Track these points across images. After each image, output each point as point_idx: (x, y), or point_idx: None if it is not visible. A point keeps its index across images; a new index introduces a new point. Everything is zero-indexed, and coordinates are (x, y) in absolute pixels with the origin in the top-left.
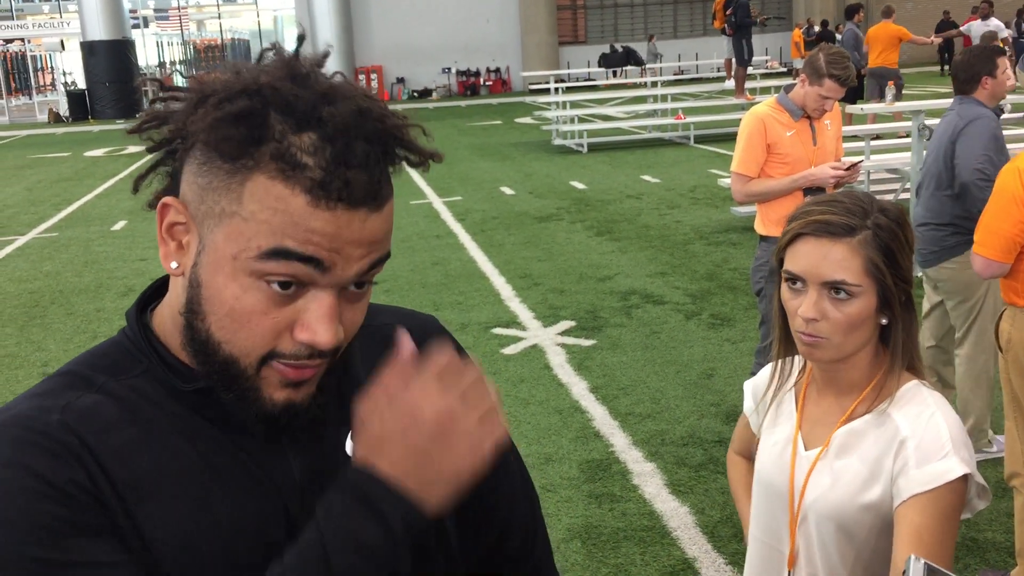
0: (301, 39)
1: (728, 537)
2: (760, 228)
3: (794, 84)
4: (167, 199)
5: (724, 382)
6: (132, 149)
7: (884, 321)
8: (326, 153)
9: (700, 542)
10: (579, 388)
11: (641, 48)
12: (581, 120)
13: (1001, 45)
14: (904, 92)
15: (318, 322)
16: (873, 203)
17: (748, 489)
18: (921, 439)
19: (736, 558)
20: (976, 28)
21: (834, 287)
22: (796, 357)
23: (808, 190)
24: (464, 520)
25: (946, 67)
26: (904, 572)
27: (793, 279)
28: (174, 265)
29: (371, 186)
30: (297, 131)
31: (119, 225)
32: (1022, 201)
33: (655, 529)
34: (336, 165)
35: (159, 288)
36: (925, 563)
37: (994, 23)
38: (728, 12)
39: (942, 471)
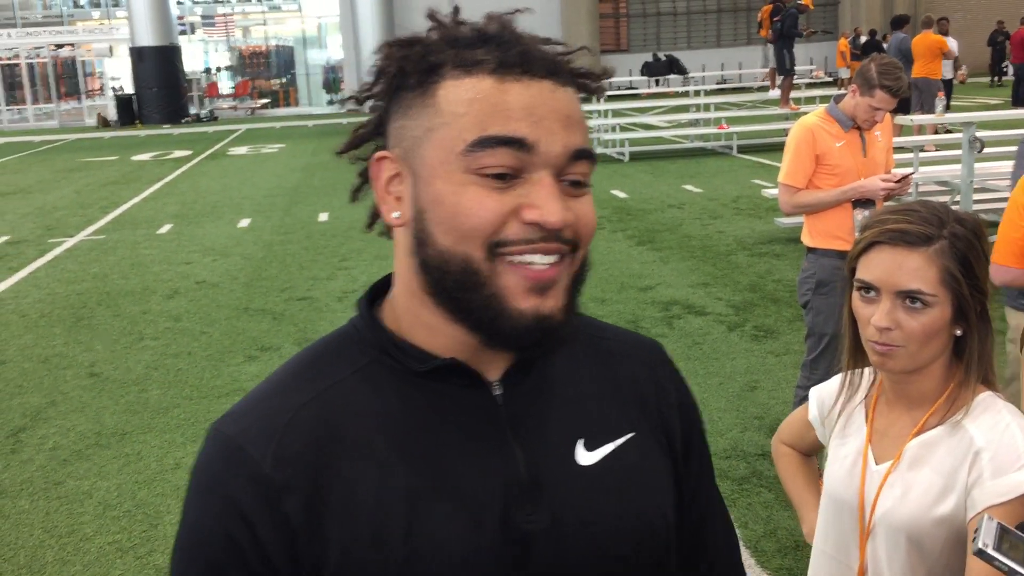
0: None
1: (772, 552)
2: (807, 240)
3: (844, 94)
4: (381, 152)
5: (767, 395)
6: (178, 153)
7: (959, 332)
8: (499, 49)
9: (743, 557)
10: None
11: (684, 57)
12: (623, 129)
13: None
14: (954, 104)
15: (543, 199)
16: (949, 212)
17: (806, 479)
18: (996, 450)
19: (780, 573)
20: None
21: (909, 296)
22: (866, 369)
23: (857, 202)
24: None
25: (995, 78)
26: (976, 530)
27: (867, 288)
28: (395, 215)
29: (549, 62)
30: (469, 47)
31: (165, 228)
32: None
33: None
34: (511, 51)
35: (384, 286)
36: (998, 523)
37: None
38: (776, 19)
39: (1018, 482)
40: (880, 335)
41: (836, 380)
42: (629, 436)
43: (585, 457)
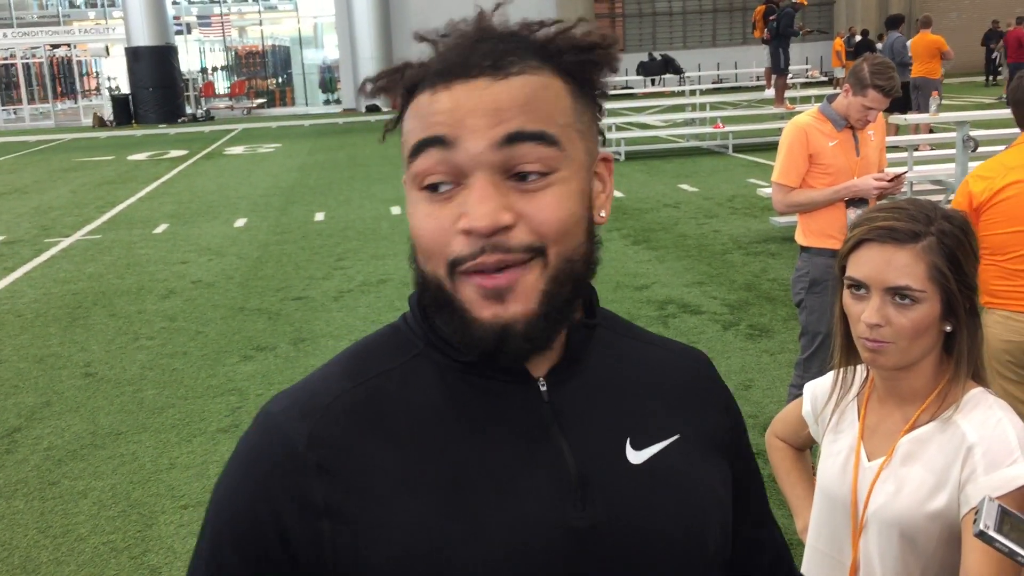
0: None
1: None
2: (801, 239)
3: (837, 94)
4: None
5: (762, 394)
6: (174, 153)
7: (948, 328)
8: (441, 58)
9: None
10: None
11: (679, 56)
12: (618, 128)
13: None
14: (946, 102)
15: (472, 203)
16: (937, 210)
17: (799, 476)
18: (989, 446)
19: None
20: None
21: (898, 293)
22: (859, 367)
23: (851, 202)
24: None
25: (991, 77)
26: (977, 511)
27: (857, 285)
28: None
29: (490, 56)
30: (431, 59)
31: (161, 228)
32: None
33: None
34: (454, 53)
35: None
36: (999, 505)
37: None
38: (771, 18)
39: (1011, 477)
40: (870, 332)
41: (829, 377)
42: (674, 439)
43: (634, 456)
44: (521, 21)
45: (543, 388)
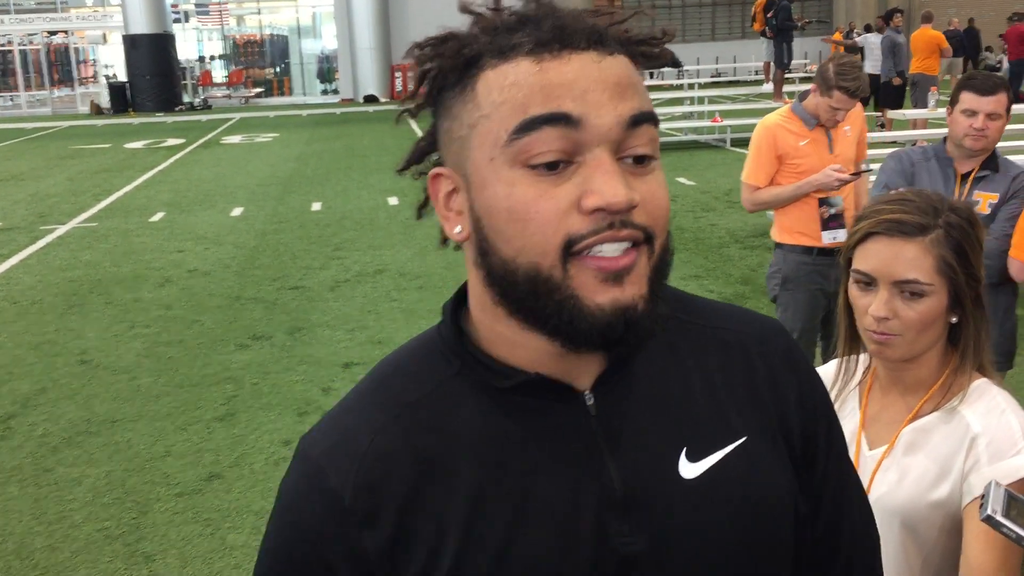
0: None
1: None
2: (775, 235)
3: (808, 91)
4: (436, 169)
5: None
6: (171, 142)
7: (954, 320)
8: (539, 27)
9: None
10: None
11: (678, 50)
12: None
13: None
14: (943, 98)
15: (602, 181)
16: (943, 201)
17: None
18: (993, 436)
19: None
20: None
21: (906, 286)
22: (861, 356)
23: (823, 200)
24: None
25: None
26: (983, 497)
27: (864, 278)
28: (458, 229)
29: (593, 32)
30: (507, 34)
31: (157, 216)
32: None
33: None
34: (551, 28)
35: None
36: (1006, 490)
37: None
38: (769, 15)
39: (1015, 467)
40: (878, 324)
41: (832, 365)
42: (739, 442)
43: (688, 469)
44: (575, 8)
45: (589, 402)
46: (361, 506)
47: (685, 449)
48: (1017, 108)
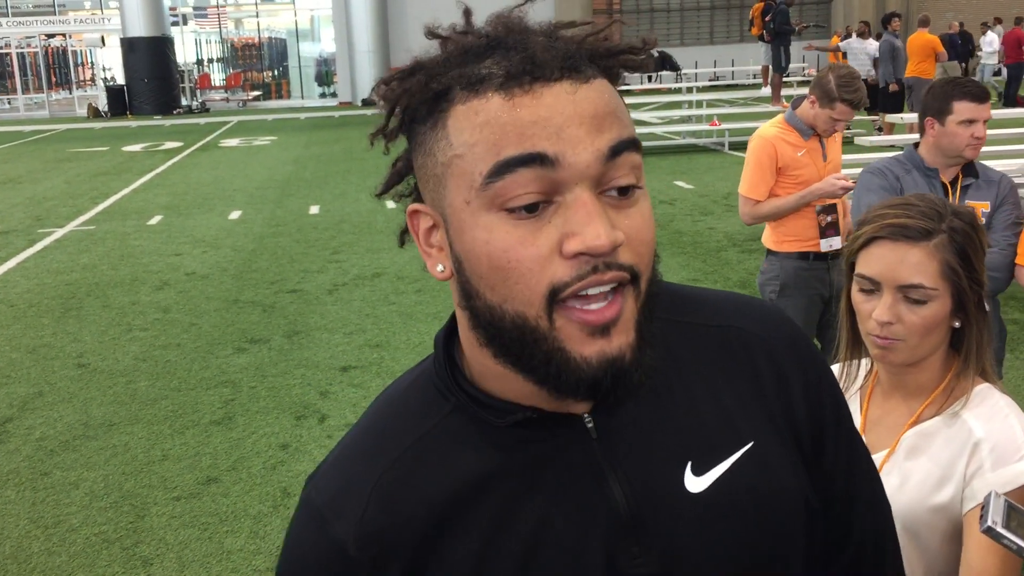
0: (466, 13)
1: None
2: (769, 243)
3: (801, 99)
4: (414, 206)
5: None
6: (169, 145)
7: (957, 324)
8: (508, 58)
9: None
10: None
11: (676, 53)
12: None
13: None
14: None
15: (582, 223)
16: (947, 206)
17: None
18: (996, 441)
19: None
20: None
21: (911, 291)
22: (863, 360)
23: (822, 208)
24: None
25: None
26: (984, 507)
27: (868, 282)
28: (440, 268)
29: (566, 59)
30: (476, 61)
31: (155, 220)
32: None
33: None
34: (521, 60)
35: None
36: (1006, 500)
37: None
38: (767, 19)
39: (1019, 473)
40: (881, 329)
41: (834, 370)
42: (746, 448)
43: (695, 483)
44: (543, 23)
45: (589, 425)
46: (367, 555)
47: (690, 463)
48: (1015, 112)
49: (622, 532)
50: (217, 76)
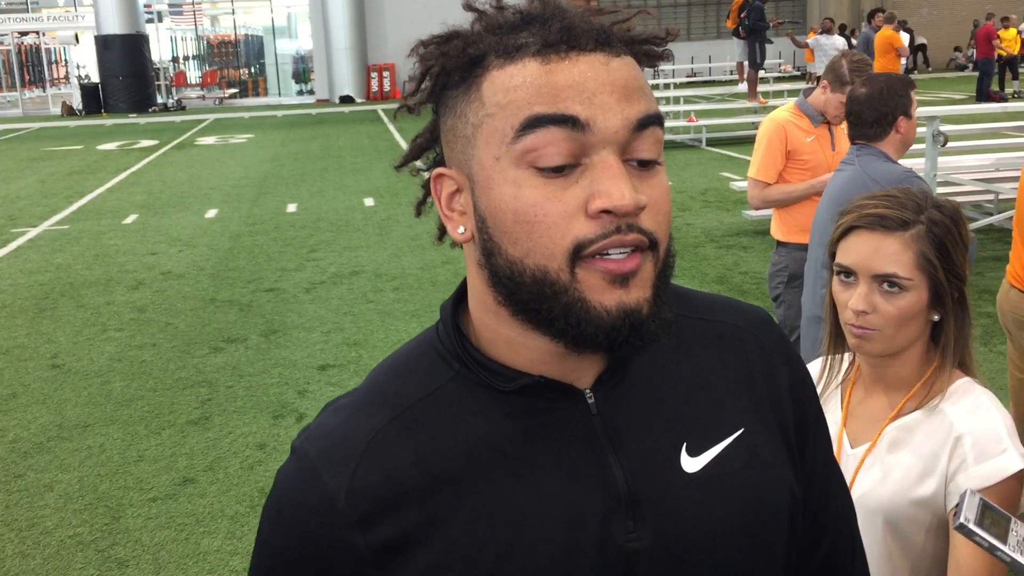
0: None
1: None
2: (778, 234)
3: (813, 88)
4: (439, 169)
5: None
6: (144, 143)
7: (936, 318)
8: (547, 27)
9: None
10: None
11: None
12: None
13: None
14: (916, 98)
15: (608, 183)
16: (928, 198)
17: None
18: (978, 435)
19: None
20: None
21: (885, 280)
22: (846, 354)
23: None
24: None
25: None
26: (958, 505)
27: (845, 272)
28: (461, 230)
29: (600, 33)
30: (513, 32)
31: (130, 219)
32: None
33: None
34: (559, 29)
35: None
36: (981, 498)
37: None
38: (742, 15)
39: (1002, 466)
40: (857, 318)
41: (817, 363)
42: (737, 434)
43: (690, 463)
44: (580, 7)
45: (591, 401)
46: (356, 511)
47: (686, 444)
48: (988, 108)
49: (619, 506)
50: (193, 73)
